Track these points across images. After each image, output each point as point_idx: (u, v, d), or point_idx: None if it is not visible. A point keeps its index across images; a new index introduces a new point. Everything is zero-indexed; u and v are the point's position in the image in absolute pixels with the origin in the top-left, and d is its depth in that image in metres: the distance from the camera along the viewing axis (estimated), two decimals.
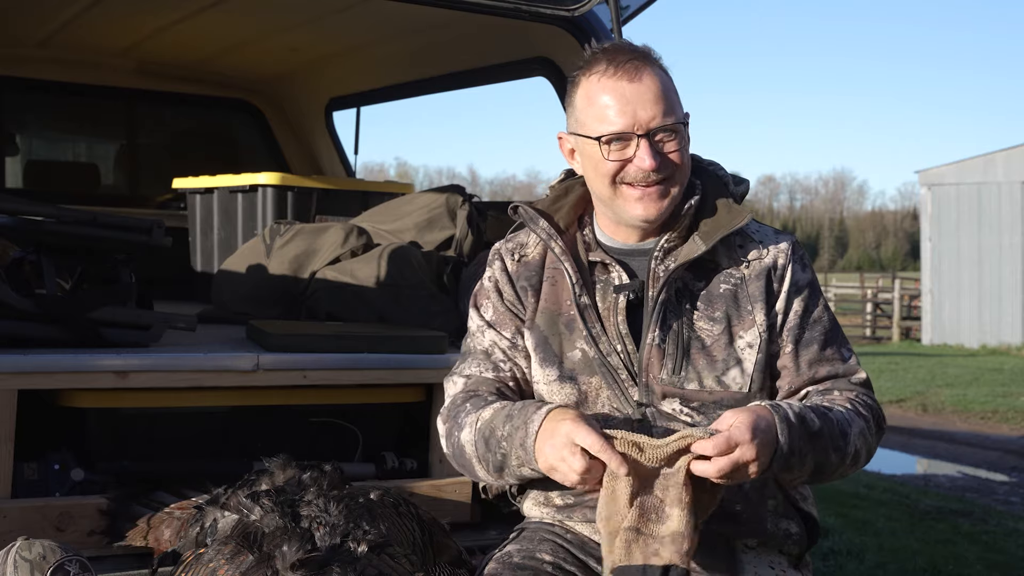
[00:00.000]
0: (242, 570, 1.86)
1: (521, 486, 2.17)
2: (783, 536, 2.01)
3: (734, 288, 1.98)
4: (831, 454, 1.88)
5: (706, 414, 1.95)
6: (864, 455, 1.95)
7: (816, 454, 1.86)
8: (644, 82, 1.90)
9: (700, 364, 1.94)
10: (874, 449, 1.99)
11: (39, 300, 2.61)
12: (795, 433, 1.81)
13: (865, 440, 1.94)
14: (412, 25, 3.99)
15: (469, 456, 1.98)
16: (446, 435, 2.04)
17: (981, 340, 20.65)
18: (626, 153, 1.90)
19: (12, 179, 5.17)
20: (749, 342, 1.96)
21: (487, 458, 1.94)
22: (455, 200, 3.84)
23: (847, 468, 1.94)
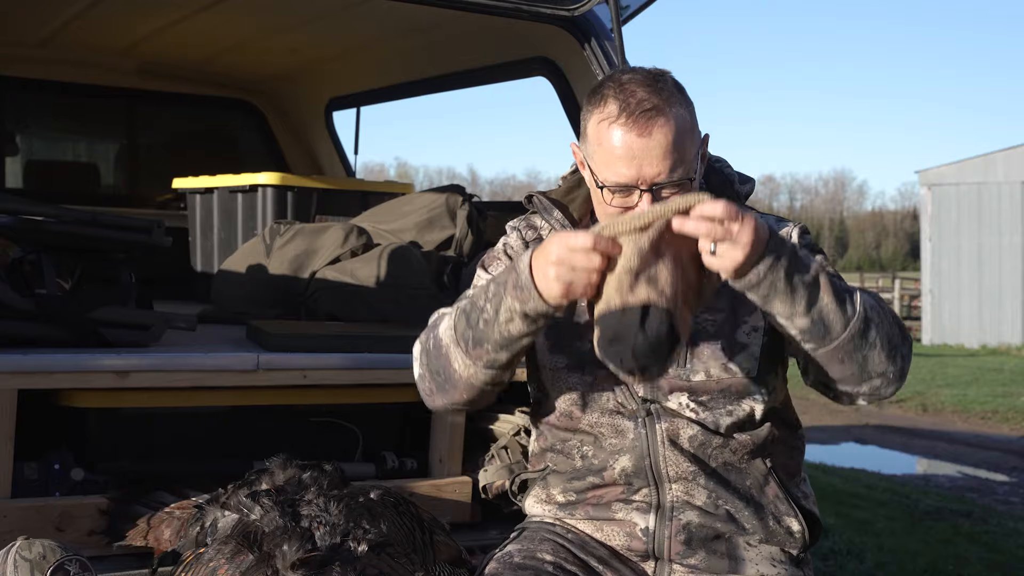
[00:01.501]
0: (242, 569, 1.86)
1: (523, 484, 2.16)
2: (785, 534, 2.01)
3: None
4: (832, 300, 1.78)
5: (713, 408, 1.95)
6: (883, 340, 1.82)
7: (811, 288, 1.76)
8: (654, 137, 1.83)
9: (705, 355, 1.95)
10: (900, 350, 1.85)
11: (39, 300, 2.61)
12: (791, 249, 1.75)
13: (883, 321, 1.82)
14: (412, 25, 3.99)
15: (446, 345, 1.88)
16: (421, 345, 1.96)
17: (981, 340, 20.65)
18: (629, 202, 1.88)
19: (12, 179, 5.17)
20: (754, 326, 1.96)
21: (466, 335, 1.85)
22: (455, 200, 3.84)
23: (858, 341, 1.80)
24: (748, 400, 1.97)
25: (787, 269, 1.75)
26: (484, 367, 1.86)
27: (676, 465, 1.96)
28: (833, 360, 1.82)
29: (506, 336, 1.82)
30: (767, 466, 2.01)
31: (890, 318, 1.86)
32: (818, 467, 7.76)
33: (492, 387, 1.92)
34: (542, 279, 1.74)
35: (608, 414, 1.98)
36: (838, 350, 1.81)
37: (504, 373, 1.90)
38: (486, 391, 1.93)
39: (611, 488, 2.00)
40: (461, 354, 1.87)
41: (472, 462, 2.85)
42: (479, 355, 1.85)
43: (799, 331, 1.80)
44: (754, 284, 1.75)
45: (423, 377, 1.98)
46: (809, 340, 1.81)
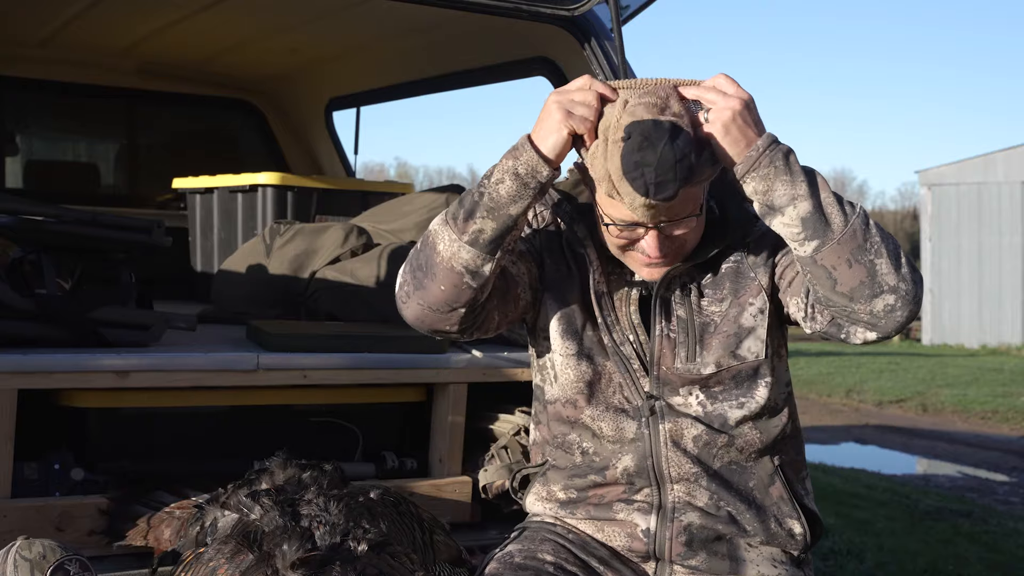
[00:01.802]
0: (242, 569, 1.86)
1: (524, 480, 2.16)
2: (786, 536, 2.01)
3: (736, 264, 1.99)
4: (831, 195, 1.78)
5: (724, 399, 1.95)
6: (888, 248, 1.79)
7: (810, 175, 1.78)
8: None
9: (714, 345, 1.95)
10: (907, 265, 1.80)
11: (39, 300, 2.60)
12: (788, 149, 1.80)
13: (885, 236, 1.80)
14: (412, 25, 3.99)
15: (435, 232, 1.87)
16: (411, 254, 1.93)
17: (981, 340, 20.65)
18: (634, 235, 1.88)
19: (12, 179, 5.17)
20: (760, 307, 1.96)
21: (457, 214, 1.84)
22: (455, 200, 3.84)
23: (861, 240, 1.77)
24: (759, 386, 1.96)
25: (786, 152, 1.79)
26: (468, 242, 1.83)
27: (678, 466, 1.96)
28: (841, 263, 1.77)
29: (494, 198, 1.82)
30: (775, 464, 2.00)
31: (888, 235, 1.82)
32: (818, 467, 7.76)
33: (470, 279, 1.85)
34: (539, 131, 1.81)
35: (612, 410, 1.98)
36: (843, 246, 1.77)
37: (485, 258, 1.83)
38: (462, 286, 1.85)
39: (612, 487, 2.00)
40: (448, 232, 1.85)
41: (472, 462, 2.85)
42: (466, 228, 1.83)
43: (801, 221, 1.77)
44: (754, 160, 1.77)
45: (402, 284, 1.93)
46: (812, 235, 1.78)
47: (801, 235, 1.79)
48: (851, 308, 1.81)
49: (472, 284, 1.85)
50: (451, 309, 1.88)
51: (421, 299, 1.90)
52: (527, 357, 2.14)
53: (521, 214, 1.83)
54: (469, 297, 1.87)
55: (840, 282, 1.79)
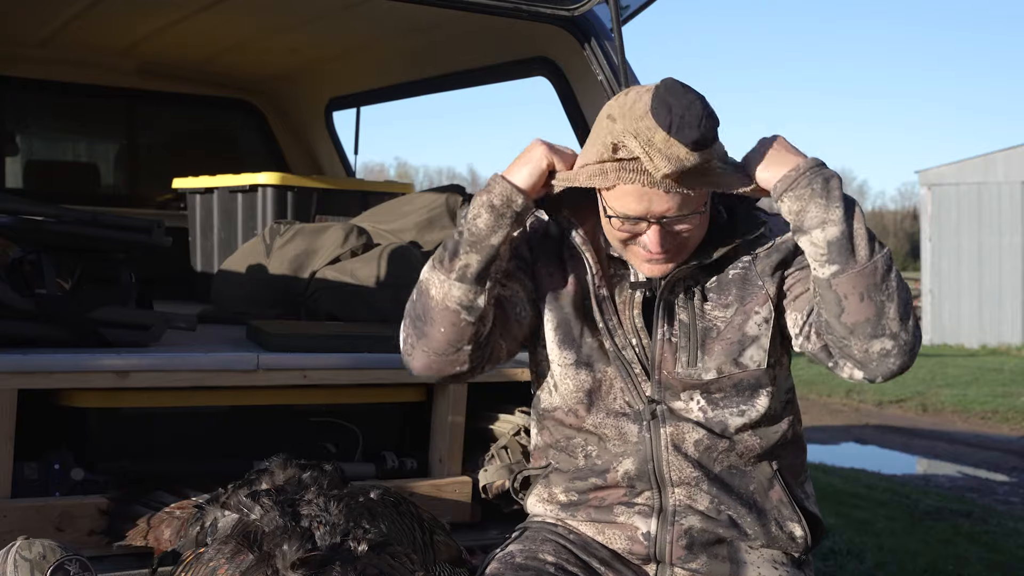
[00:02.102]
0: (242, 569, 1.86)
1: (525, 481, 2.16)
2: (787, 539, 2.00)
3: (743, 271, 1.97)
4: (864, 228, 1.81)
5: (725, 406, 1.95)
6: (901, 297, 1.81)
7: (847, 203, 1.81)
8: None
9: (716, 351, 1.94)
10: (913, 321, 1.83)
11: (39, 300, 2.60)
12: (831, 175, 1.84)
13: (901, 284, 1.82)
14: (412, 25, 3.99)
15: (425, 279, 1.92)
16: (407, 307, 1.97)
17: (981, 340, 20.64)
18: (637, 229, 1.88)
19: (12, 179, 5.17)
20: (765, 317, 1.95)
21: (443, 257, 1.90)
22: (455, 200, 3.84)
23: (880, 279, 1.80)
24: (761, 396, 1.96)
25: (827, 176, 1.82)
26: (456, 279, 1.87)
27: (679, 470, 1.95)
28: (854, 294, 1.79)
29: (474, 232, 1.87)
30: (773, 468, 2.00)
31: (906, 287, 1.85)
32: (818, 467, 7.75)
33: (467, 314, 1.88)
34: (513, 166, 1.91)
35: (613, 415, 1.97)
36: (861, 279, 1.79)
37: (476, 291, 1.87)
38: (461, 323, 1.88)
39: (613, 490, 2.00)
40: (437, 275, 1.90)
41: (472, 462, 2.85)
42: (452, 266, 1.88)
43: (827, 243, 1.79)
44: (794, 179, 1.81)
45: (406, 338, 1.96)
46: (835, 259, 1.79)
47: (824, 256, 1.81)
48: (848, 342, 1.83)
49: (469, 319, 1.89)
50: (456, 349, 1.92)
51: (425, 346, 1.93)
52: (527, 357, 2.14)
53: (502, 243, 1.89)
54: (471, 333, 1.91)
55: (847, 312, 1.81)
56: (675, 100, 1.76)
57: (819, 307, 1.85)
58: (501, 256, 1.90)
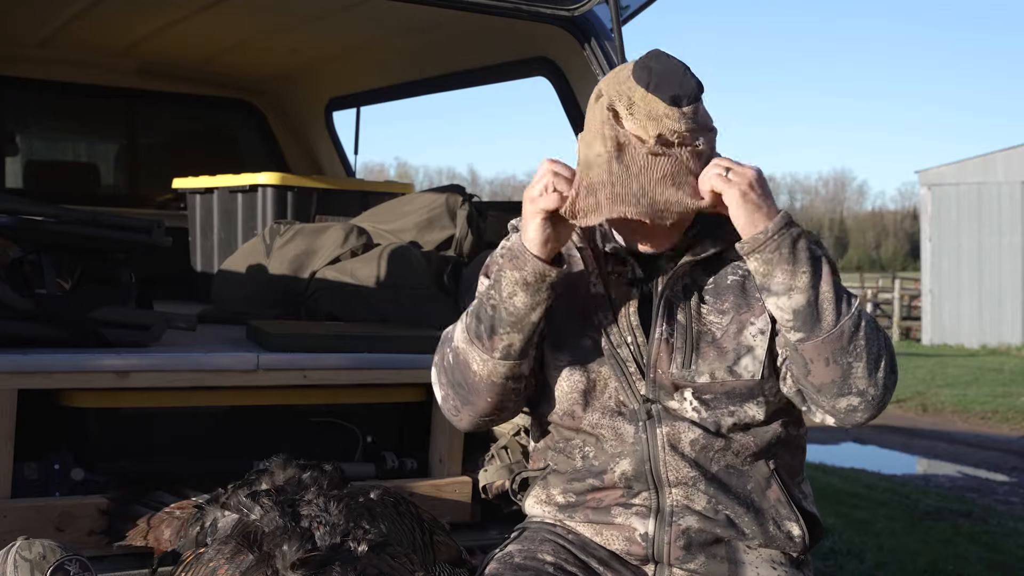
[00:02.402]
0: (242, 569, 1.86)
1: (523, 483, 2.16)
2: (785, 539, 2.00)
3: (741, 279, 1.98)
4: (831, 289, 1.81)
5: (715, 408, 1.95)
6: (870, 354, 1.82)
7: (815, 266, 1.82)
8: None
9: (710, 357, 1.94)
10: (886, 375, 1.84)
11: (39, 300, 2.60)
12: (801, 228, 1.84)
13: (874, 338, 1.83)
14: (412, 25, 3.99)
15: (463, 351, 1.93)
16: (437, 367, 2.00)
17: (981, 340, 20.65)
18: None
19: (12, 179, 5.17)
20: (761, 328, 1.95)
21: (479, 331, 1.90)
22: (455, 200, 3.84)
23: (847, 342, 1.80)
24: (752, 404, 1.96)
25: (794, 237, 1.82)
26: (501, 357, 1.90)
27: (676, 470, 1.95)
28: (819, 359, 1.84)
29: (512, 312, 1.87)
30: (770, 468, 2.00)
31: (882, 340, 1.87)
32: (818, 467, 7.76)
33: (513, 382, 1.93)
34: (525, 231, 1.87)
35: (609, 415, 1.97)
36: (826, 345, 1.82)
37: (521, 363, 1.92)
38: (508, 389, 1.94)
39: (610, 491, 2.00)
40: (478, 352, 1.91)
41: (472, 462, 2.85)
42: (494, 345, 1.89)
43: (792, 311, 1.83)
44: (761, 242, 1.81)
45: (446, 397, 2.01)
46: (800, 327, 1.83)
47: (790, 323, 1.84)
48: (815, 397, 1.89)
49: (516, 386, 1.95)
50: (503, 409, 1.99)
51: (472, 412, 1.99)
52: None
53: (542, 316, 1.90)
54: (517, 394, 1.97)
55: (813, 374, 1.85)
56: (655, 64, 1.86)
57: (788, 363, 1.91)
58: (541, 324, 1.91)
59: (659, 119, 1.82)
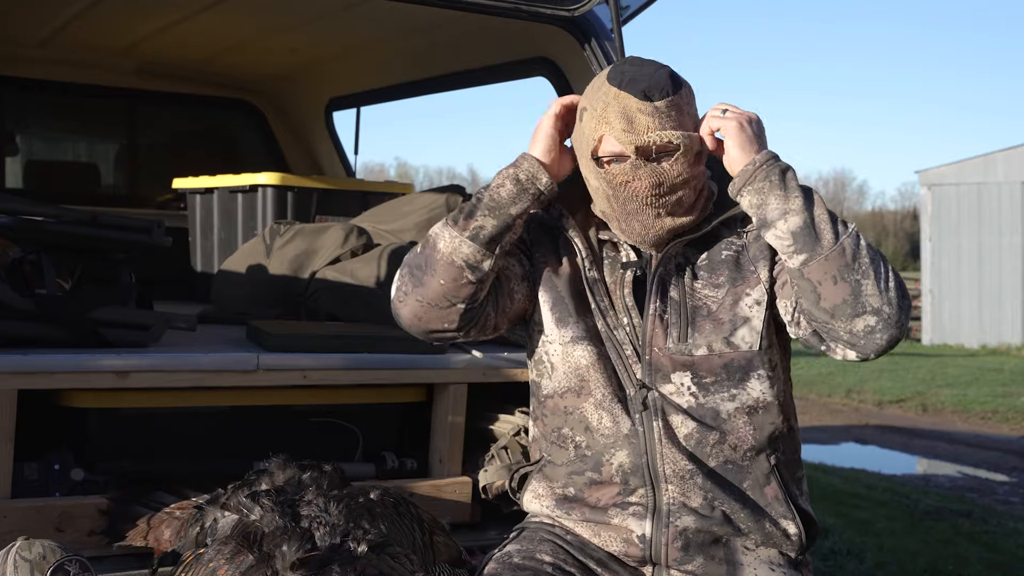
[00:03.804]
0: (242, 570, 1.86)
1: (522, 479, 2.16)
2: (781, 536, 2.01)
3: (735, 254, 2.01)
4: (825, 212, 1.85)
5: (715, 391, 1.95)
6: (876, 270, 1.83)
7: (806, 192, 1.87)
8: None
9: (707, 329, 1.96)
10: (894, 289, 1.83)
11: (39, 300, 2.60)
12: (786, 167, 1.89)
13: (875, 256, 1.84)
14: (412, 25, 3.99)
15: (435, 234, 1.96)
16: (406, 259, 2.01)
17: (981, 340, 20.64)
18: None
19: (12, 179, 5.17)
20: (756, 299, 1.98)
21: (457, 217, 1.95)
22: (455, 200, 3.84)
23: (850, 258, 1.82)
24: (752, 379, 1.96)
25: (783, 168, 1.88)
26: (468, 237, 1.92)
27: (673, 463, 1.95)
28: (827, 279, 1.83)
29: (495, 199, 1.94)
30: (770, 463, 2.00)
31: (886, 261, 1.87)
32: (818, 467, 7.75)
33: (469, 273, 1.92)
34: (533, 143, 1.99)
35: (607, 399, 1.98)
36: (830, 263, 1.83)
37: (485, 253, 1.92)
38: (463, 279, 1.92)
39: (608, 488, 2.00)
40: (448, 231, 1.94)
41: (472, 462, 2.85)
42: (467, 225, 1.93)
43: (792, 234, 1.85)
44: (751, 173, 1.87)
45: (400, 286, 1.99)
46: (801, 248, 1.84)
47: (791, 248, 1.85)
48: (832, 325, 1.86)
49: (471, 279, 1.92)
50: (450, 305, 1.94)
51: (420, 295, 1.95)
52: (524, 356, 2.15)
53: (520, 215, 1.95)
54: (468, 293, 1.93)
55: (824, 297, 1.84)
56: (628, 66, 1.94)
57: (798, 296, 1.89)
58: (515, 229, 1.96)
59: (632, 115, 1.88)
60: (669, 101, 1.90)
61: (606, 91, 1.93)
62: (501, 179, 1.96)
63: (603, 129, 1.91)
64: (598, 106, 1.93)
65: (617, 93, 1.91)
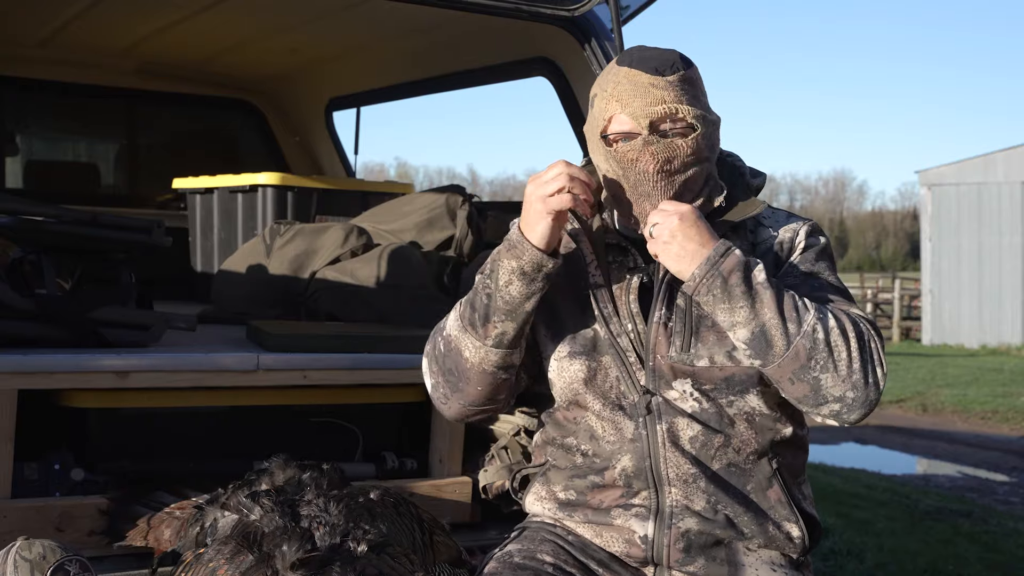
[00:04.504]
0: (242, 570, 1.86)
1: (524, 480, 2.16)
2: (784, 539, 2.00)
3: None
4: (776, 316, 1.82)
5: (716, 398, 1.95)
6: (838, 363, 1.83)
7: (752, 300, 1.83)
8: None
9: (710, 341, 1.95)
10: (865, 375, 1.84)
11: (39, 300, 2.60)
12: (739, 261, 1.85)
13: (843, 344, 1.83)
14: (412, 25, 3.99)
15: (455, 339, 1.95)
16: (428, 356, 2.02)
17: (981, 340, 20.65)
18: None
19: (12, 179, 5.17)
20: None
21: (472, 319, 1.93)
22: (455, 200, 3.84)
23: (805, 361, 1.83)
24: (752, 394, 1.96)
25: (725, 276, 1.84)
26: (493, 345, 1.92)
27: (677, 466, 1.95)
28: (783, 379, 1.87)
29: (508, 301, 1.89)
30: (773, 467, 2.00)
31: (856, 341, 1.85)
32: (818, 467, 7.76)
33: (503, 372, 1.95)
34: (528, 225, 1.88)
35: (610, 407, 1.97)
36: (784, 368, 1.86)
37: (512, 352, 1.94)
38: (498, 379, 1.95)
39: (611, 490, 1.99)
40: (470, 339, 1.93)
41: (472, 462, 2.85)
42: (487, 333, 1.91)
43: (744, 342, 1.87)
44: (693, 289, 1.86)
45: (436, 385, 2.02)
46: (755, 355, 1.87)
47: (747, 352, 1.88)
48: (801, 405, 1.92)
49: (506, 376, 1.96)
50: (493, 400, 2.00)
51: (462, 400, 2.00)
52: None
53: (535, 306, 1.92)
54: (507, 385, 1.98)
55: (786, 391, 1.90)
56: (636, 50, 1.96)
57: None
58: (533, 314, 1.94)
59: (645, 89, 1.89)
60: (681, 75, 1.91)
61: (615, 72, 1.94)
62: (507, 275, 1.89)
63: (614, 107, 1.91)
64: (608, 87, 1.93)
65: (628, 71, 1.91)
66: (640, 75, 1.90)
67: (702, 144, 1.93)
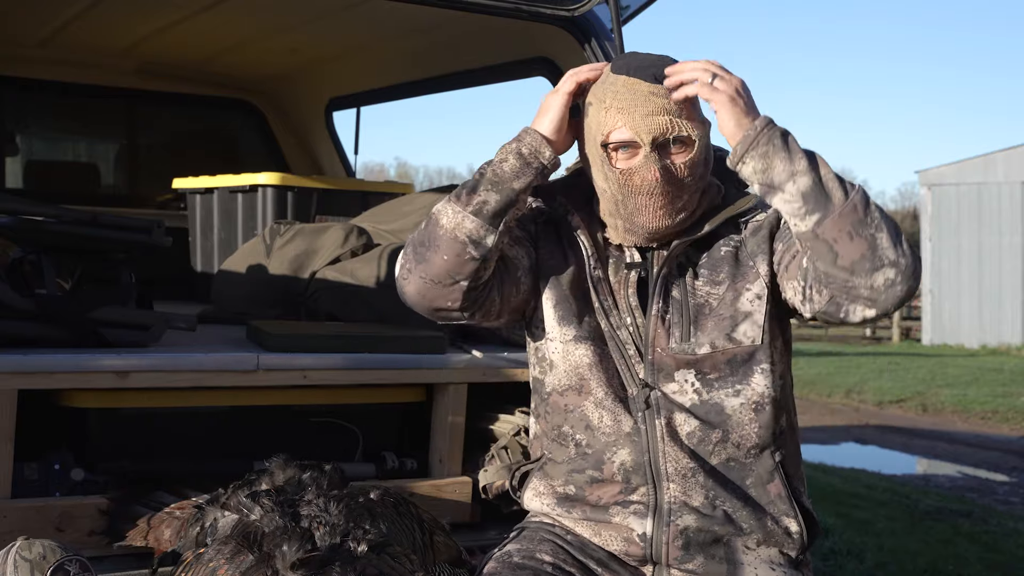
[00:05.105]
0: (242, 570, 1.86)
1: (523, 478, 2.16)
2: (783, 535, 2.00)
3: (734, 250, 2.01)
4: (831, 172, 1.83)
5: (720, 387, 1.95)
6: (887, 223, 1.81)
7: (809, 154, 1.84)
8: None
9: (709, 327, 1.96)
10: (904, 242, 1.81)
11: (39, 300, 2.60)
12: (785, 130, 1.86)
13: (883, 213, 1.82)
14: (412, 25, 3.99)
15: (438, 210, 1.94)
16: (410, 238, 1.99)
17: (981, 340, 20.65)
18: (633, 161, 1.94)
19: (12, 179, 5.17)
20: (757, 293, 1.97)
21: (460, 193, 1.93)
22: None
23: (862, 214, 1.79)
24: (755, 373, 1.97)
25: (783, 132, 1.85)
26: (472, 212, 1.90)
27: (675, 461, 1.96)
28: (842, 236, 1.79)
29: (498, 174, 1.92)
30: (775, 460, 2.00)
31: (889, 217, 1.85)
32: (818, 467, 7.75)
33: (473, 249, 1.90)
34: (538, 117, 1.97)
35: (609, 398, 1.98)
36: (844, 219, 1.80)
37: (489, 231, 1.90)
38: (466, 256, 1.90)
39: (609, 486, 2.00)
40: (451, 207, 1.93)
41: (472, 462, 2.85)
42: (470, 200, 1.92)
43: (802, 196, 1.81)
44: (752, 139, 1.83)
45: (403, 264, 1.98)
46: (813, 208, 1.81)
47: (802, 209, 1.82)
48: (852, 283, 1.82)
49: (475, 254, 1.91)
50: (453, 281, 1.92)
51: (423, 272, 1.94)
52: (527, 357, 2.15)
53: (523, 190, 1.93)
54: (471, 269, 1.91)
55: (841, 255, 1.81)
56: (630, 58, 1.96)
57: (813, 261, 1.85)
58: (519, 204, 1.95)
59: (645, 97, 1.89)
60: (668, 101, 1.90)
61: (613, 80, 1.93)
62: (504, 154, 1.94)
63: (614, 117, 1.91)
64: (606, 97, 1.93)
65: (627, 80, 1.91)
66: (639, 84, 1.90)
67: (699, 158, 1.94)
